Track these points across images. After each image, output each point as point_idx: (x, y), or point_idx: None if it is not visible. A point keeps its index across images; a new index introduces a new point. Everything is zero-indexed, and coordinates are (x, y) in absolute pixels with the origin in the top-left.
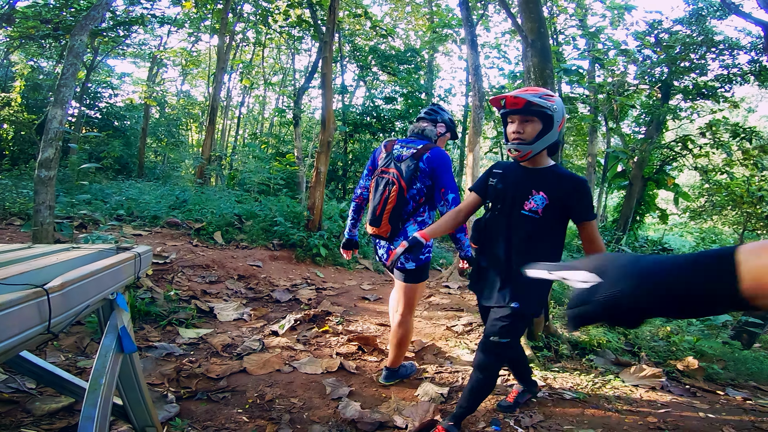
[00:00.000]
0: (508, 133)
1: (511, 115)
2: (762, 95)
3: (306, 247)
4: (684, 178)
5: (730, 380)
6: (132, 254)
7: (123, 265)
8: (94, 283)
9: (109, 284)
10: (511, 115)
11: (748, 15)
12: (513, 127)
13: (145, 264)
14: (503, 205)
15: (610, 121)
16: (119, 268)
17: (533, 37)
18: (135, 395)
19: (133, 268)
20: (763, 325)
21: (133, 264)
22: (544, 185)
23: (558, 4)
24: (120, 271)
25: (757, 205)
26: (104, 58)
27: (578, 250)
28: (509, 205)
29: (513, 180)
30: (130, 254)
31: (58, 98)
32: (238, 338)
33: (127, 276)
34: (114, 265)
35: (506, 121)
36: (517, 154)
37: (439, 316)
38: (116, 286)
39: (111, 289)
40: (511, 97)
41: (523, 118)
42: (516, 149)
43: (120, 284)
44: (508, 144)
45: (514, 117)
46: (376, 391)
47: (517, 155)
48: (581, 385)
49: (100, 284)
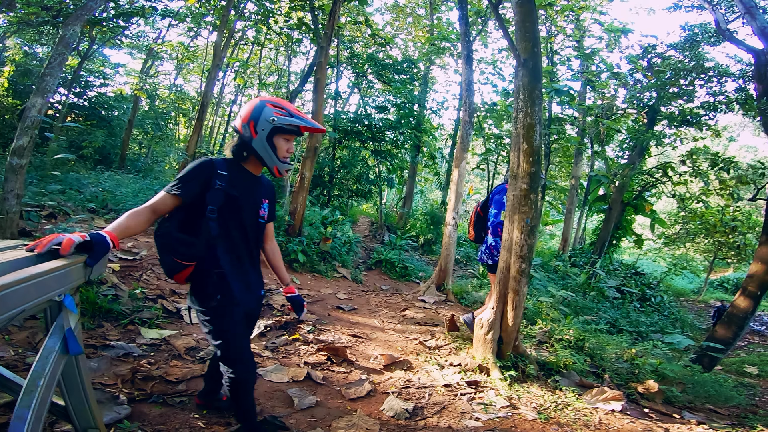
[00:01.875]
0: (288, 151)
1: (294, 134)
2: (744, 124)
3: (284, 252)
4: (661, 204)
5: (688, 403)
6: (83, 257)
7: (72, 267)
8: (35, 286)
9: (55, 287)
10: (294, 134)
11: (741, 42)
12: (290, 146)
13: (99, 267)
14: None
15: (596, 144)
16: (66, 271)
17: (526, 56)
18: (78, 397)
19: (83, 271)
20: (725, 350)
21: (83, 266)
22: (266, 193)
23: (557, 24)
24: (68, 273)
25: (730, 234)
26: (100, 47)
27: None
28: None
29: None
30: (81, 257)
31: (40, 87)
32: (203, 341)
33: (76, 278)
34: (62, 267)
35: (284, 139)
36: (289, 171)
37: (413, 330)
38: (63, 288)
39: (57, 291)
40: (318, 127)
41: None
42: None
43: (68, 286)
44: (285, 162)
45: (293, 137)
46: (342, 403)
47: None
48: (545, 405)
49: (42, 287)
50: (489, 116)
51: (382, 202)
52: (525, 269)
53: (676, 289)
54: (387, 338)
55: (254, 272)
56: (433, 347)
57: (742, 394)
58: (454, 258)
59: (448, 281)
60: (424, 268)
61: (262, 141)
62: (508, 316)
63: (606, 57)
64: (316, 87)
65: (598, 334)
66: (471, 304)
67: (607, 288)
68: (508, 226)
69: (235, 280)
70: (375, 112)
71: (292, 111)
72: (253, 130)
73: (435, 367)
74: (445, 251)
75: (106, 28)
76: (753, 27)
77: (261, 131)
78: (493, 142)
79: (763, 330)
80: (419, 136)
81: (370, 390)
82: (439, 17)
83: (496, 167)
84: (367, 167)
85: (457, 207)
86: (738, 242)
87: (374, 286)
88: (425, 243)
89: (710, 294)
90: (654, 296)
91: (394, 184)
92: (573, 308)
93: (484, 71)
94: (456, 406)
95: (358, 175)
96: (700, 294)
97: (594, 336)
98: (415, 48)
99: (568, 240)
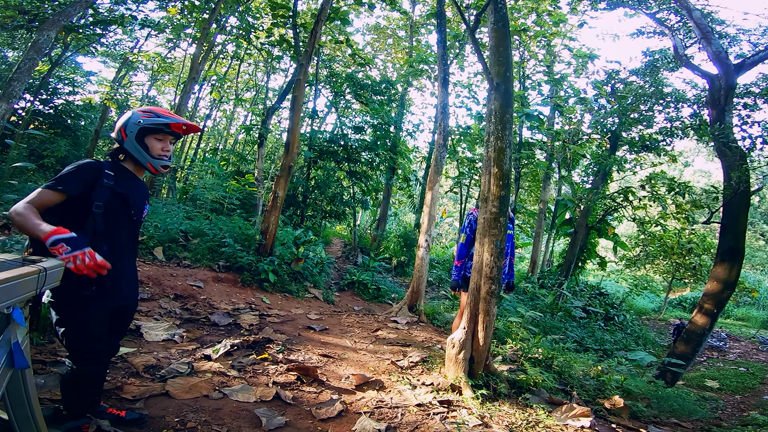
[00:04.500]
0: (164, 150)
1: (167, 134)
2: (698, 150)
3: (254, 272)
4: (623, 228)
5: (653, 417)
6: (36, 268)
7: (22, 280)
8: None
9: (3, 299)
10: (167, 134)
11: (696, 67)
12: (165, 145)
13: (52, 279)
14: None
15: (563, 169)
16: (16, 283)
17: (498, 80)
18: (23, 411)
19: (35, 284)
20: (685, 365)
21: (36, 279)
22: (147, 194)
23: (530, 49)
24: (17, 286)
25: (686, 256)
26: (74, 54)
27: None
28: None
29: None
30: (34, 268)
31: (6, 92)
32: (164, 359)
33: (27, 291)
34: (10, 279)
35: (155, 139)
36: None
37: (385, 350)
38: (11, 301)
39: (6, 303)
40: (192, 124)
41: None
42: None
43: (17, 299)
44: (160, 160)
45: (173, 138)
46: (312, 424)
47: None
48: (516, 423)
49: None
50: (463, 140)
51: (355, 224)
52: (495, 290)
53: (638, 308)
54: (359, 358)
55: (132, 268)
56: (406, 367)
57: (704, 407)
58: (427, 280)
59: (420, 302)
60: (396, 290)
61: (132, 142)
62: (479, 336)
63: (574, 82)
64: (293, 105)
65: (565, 352)
66: (443, 324)
67: (573, 308)
68: (478, 249)
69: (113, 274)
70: (351, 132)
71: (161, 113)
72: (124, 134)
73: (407, 386)
74: (418, 273)
75: (81, 35)
76: (708, 52)
77: (130, 133)
78: (467, 166)
79: (722, 345)
80: (395, 158)
81: (341, 410)
82: (418, 39)
83: (468, 191)
84: (342, 188)
85: (430, 230)
86: (694, 263)
87: (346, 307)
88: (398, 265)
89: (670, 312)
90: (617, 315)
91: (368, 205)
92: (542, 328)
93: (460, 94)
94: (429, 425)
95: (333, 196)
96: (661, 312)
97: (562, 354)
98: (393, 69)
99: (537, 262)
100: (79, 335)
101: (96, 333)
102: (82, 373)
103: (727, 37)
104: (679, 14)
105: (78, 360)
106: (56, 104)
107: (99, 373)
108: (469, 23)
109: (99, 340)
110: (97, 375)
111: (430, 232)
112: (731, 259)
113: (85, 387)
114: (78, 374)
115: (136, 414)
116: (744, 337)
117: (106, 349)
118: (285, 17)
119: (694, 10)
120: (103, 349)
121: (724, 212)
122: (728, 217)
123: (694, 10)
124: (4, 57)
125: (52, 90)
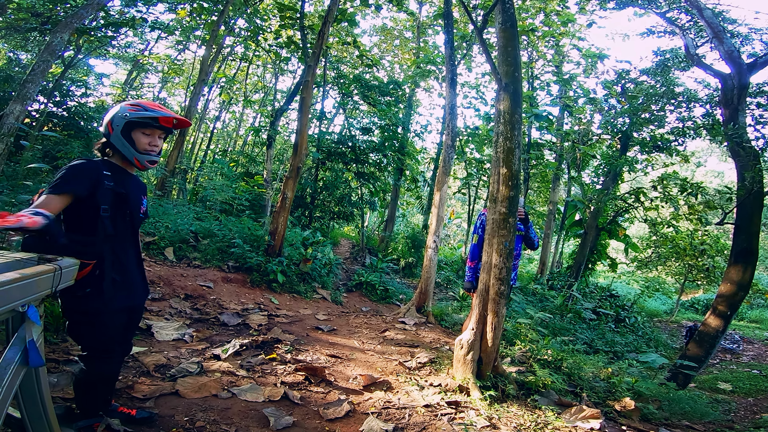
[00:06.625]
0: (151, 144)
1: (156, 129)
2: (711, 150)
3: (263, 272)
4: (634, 229)
5: (664, 420)
6: (52, 267)
7: (38, 278)
8: None
9: (18, 297)
10: (156, 129)
11: (708, 67)
12: (153, 140)
13: (67, 278)
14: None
15: (573, 169)
16: (32, 281)
17: (507, 80)
18: (36, 410)
19: (51, 282)
20: (697, 368)
21: (51, 277)
22: (143, 189)
23: (538, 49)
24: (33, 284)
25: (699, 258)
26: (86, 57)
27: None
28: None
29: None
30: (50, 267)
31: (21, 93)
32: (174, 359)
33: (42, 289)
34: (26, 277)
35: (143, 133)
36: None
37: (393, 351)
38: (27, 299)
39: (20, 301)
40: (182, 118)
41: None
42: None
43: (32, 297)
44: (146, 154)
45: (162, 133)
46: (320, 424)
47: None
48: (525, 425)
49: (5, 297)
50: (471, 140)
51: (363, 225)
52: (503, 291)
53: (649, 310)
54: (367, 359)
55: (140, 265)
56: (413, 368)
57: (717, 410)
58: (435, 281)
59: (428, 303)
60: (404, 291)
61: (117, 136)
62: (488, 337)
63: (583, 82)
64: (301, 106)
65: (575, 354)
66: (451, 326)
67: (583, 310)
68: (487, 249)
69: (121, 274)
70: (359, 133)
71: (149, 107)
72: (110, 128)
73: (415, 387)
74: (426, 274)
75: (93, 38)
76: (720, 51)
77: (116, 127)
78: (475, 167)
79: (735, 348)
80: (402, 159)
81: (349, 410)
82: (425, 40)
83: (477, 192)
84: (350, 189)
85: (438, 231)
86: (707, 265)
87: (354, 308)
88: (406, 266)
89: (682, 315)
90: (628, 317)
91: (377, 206)
92: (551, 329)
93: (468, 95)
94: (436, 426)
95: (341, 197)
96: (673, 315)
97: (571, 356)
98: (401, 70)
99: (546, 264)
100: (98, 335)
101: (115, 332)
102: (98, 372)
103: (739, 36)
104: (690, 13)
105: (95, 359)
106: (69, 106)
107: (114, 372)
108: (476, 24)
109: (117, 339)
110: (112, 374)
111: (438, 233)
112: (745, 261)
113: (99, 386)
114: (93, 373)
115: (146, 413)
116: (758, 339)
117: (122, 349)
118: (293, 19)
119: (705, 9)
120: (120, 349)
121: (737, 213)
122: (742, 218)
123: (705, 9)
124: (18, 59)
125: (66, 92)
